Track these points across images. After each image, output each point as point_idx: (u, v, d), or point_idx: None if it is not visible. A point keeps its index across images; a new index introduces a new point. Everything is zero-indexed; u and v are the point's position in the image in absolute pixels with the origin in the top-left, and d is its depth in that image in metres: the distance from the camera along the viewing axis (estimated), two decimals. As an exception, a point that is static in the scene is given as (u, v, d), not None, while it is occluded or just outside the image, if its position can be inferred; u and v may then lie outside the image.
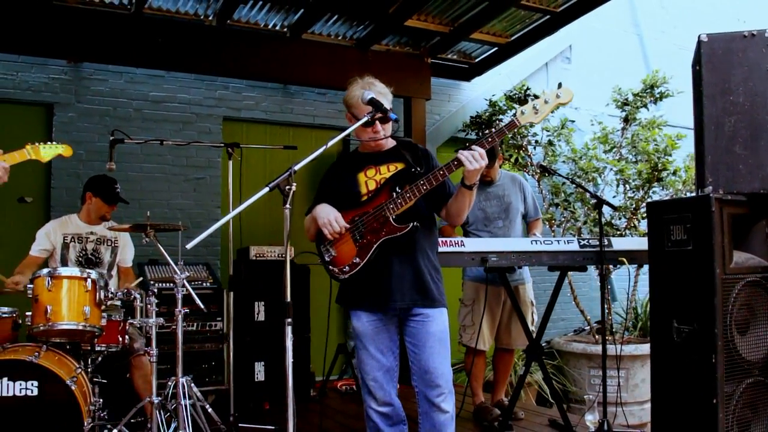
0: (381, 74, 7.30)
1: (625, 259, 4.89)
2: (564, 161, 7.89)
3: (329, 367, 6.62)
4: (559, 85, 3.30)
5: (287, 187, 2.83)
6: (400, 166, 3.52)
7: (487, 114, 7.75)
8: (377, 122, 3.50)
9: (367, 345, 3.53)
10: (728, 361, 3.50)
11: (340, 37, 7.40)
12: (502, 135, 3.28)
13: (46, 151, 3.53)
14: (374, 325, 3.52)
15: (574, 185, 7.03)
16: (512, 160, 7.63)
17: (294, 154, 5.87)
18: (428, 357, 3.45)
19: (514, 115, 3.28)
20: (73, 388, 3.90)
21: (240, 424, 5.03)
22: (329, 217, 3.38)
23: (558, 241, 4.86)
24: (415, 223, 3.34)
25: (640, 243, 5.02)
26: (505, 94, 7.84)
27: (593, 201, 5.30)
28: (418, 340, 3.47)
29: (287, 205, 2.80)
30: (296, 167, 2.89)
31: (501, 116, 7.72)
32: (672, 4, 10.06)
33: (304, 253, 3.66)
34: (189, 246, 2.67)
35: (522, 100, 7.59)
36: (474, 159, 3.17)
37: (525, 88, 7.73)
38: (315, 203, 3.61)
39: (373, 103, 3.35)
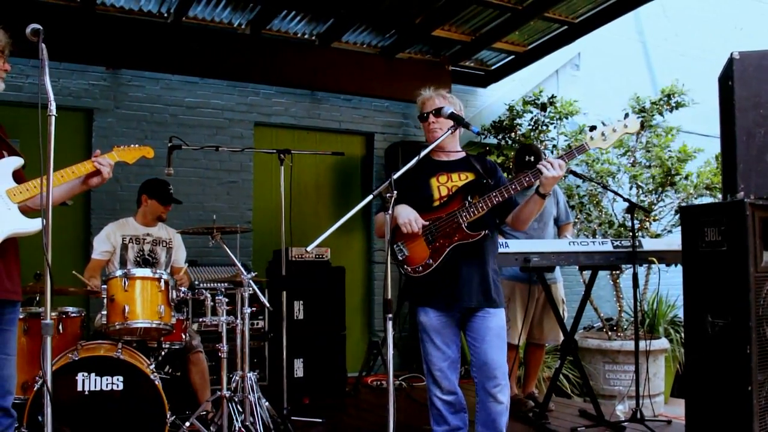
0: (405, 81, 7.71)
1: (655, 259, 5.21)
2: (577, 164, 8.19)
3: (363, 363, 6.90)
4: (626, 116, 3.59)
5: (387, 194, 3.09)
6: (470, 176, 3.79)
7: (507, 118, 8.04)
8: (433, 116, 3.83)
9: (434, 338, 3.80)
10: (760, 351, 3.79)
11: (365, 46, 7.70)
12: (573, 156, 3.60)
13: (132, 153, 3.73)
14: (441, 320, 3.80)
15: (595, 187, 7.35)
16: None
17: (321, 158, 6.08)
18: (487, 350, 3.73)
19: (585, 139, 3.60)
20: (156, 382, 4.14)
21: (292, 417, 5.27)
22: (410, 216, 3.62)
23: (593, 242, 5.17)
24: (486, 231, 3.63)
25: (669, 243, 5.37)
26: (523, 99, 8.13)
27: (626, 205, 5.59)
28: (478, 334, 3.76)
29: (389, 212, 3.05)
30: (395, 176, 3.14)
31: (519, 120, 8.02)
32: (674, 13, 10.41)
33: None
34: (310, 247, 2.93)
35: (544, 105, 7.90)
36: (554, 166, 3.44)
37: (545, 94, 8.03)
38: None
39: (453, 117, 3.59)
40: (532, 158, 5.55)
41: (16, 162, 3.17)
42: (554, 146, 8.19)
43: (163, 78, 7.06)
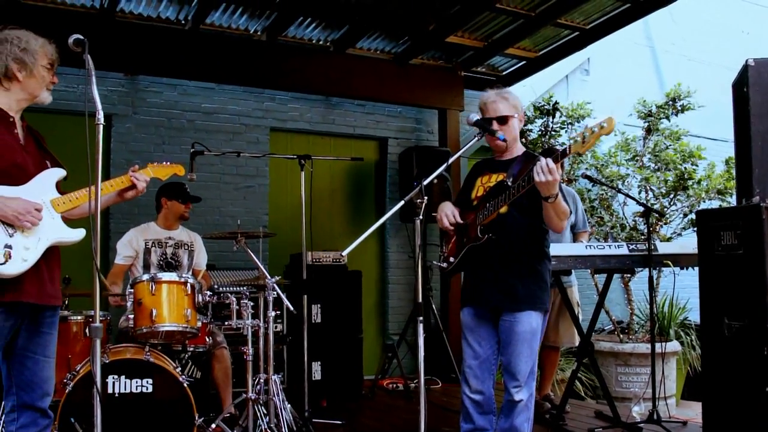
0: (418, 87, 7.79)
1: (670, 262, 5.29)
2: (587, 168, 8.27)
3: (378, 366, 6.97)
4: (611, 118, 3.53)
5: (418, 200, 3.16)
6: (503, 177, 3.82)
7: (518, 124, 8.11)
8: (497, 124, 3.84)
9: (467, 335, 3.92)
10: (777, 352, 3.87)
11: (379, 52, 7.78)
12: (557, 161, 3.46)
13: (165, 170, 3.84)
14: (475, 318, 3.90)
15: (606, 191, 7.42)
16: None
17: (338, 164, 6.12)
18: (510, 354, 3.80)
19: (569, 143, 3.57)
20: (185, 384, 4.22)
21: (313, 419, 5.35)
22: (446, 211, 3.79)
23: (609, 245, 5.25)
24: (489, 235, 3.70)
25: (683, 247, 5.43)
26: (533, 105, 8.21)
27: (637, 208, 5.67)
28: (505, 337, 3.82)
29: (420, 217, 3.13)
30: (425, 182, 3.22)
31: (529, 126, 8.10)
32: (682, 18, 10.50)
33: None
34: (345, 252, 3.00)
35: (549, 112, 7.98)
36: (542, 172, 3.35)
37: (552, 99, 8.10)
38: (450, 198, 4.02)
39: (479, 124, 3.66)
40: None
41: (60, 173, 3.27)
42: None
43: (180, 84, 7.16)
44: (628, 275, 7.92)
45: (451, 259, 3.83)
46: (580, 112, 8.09)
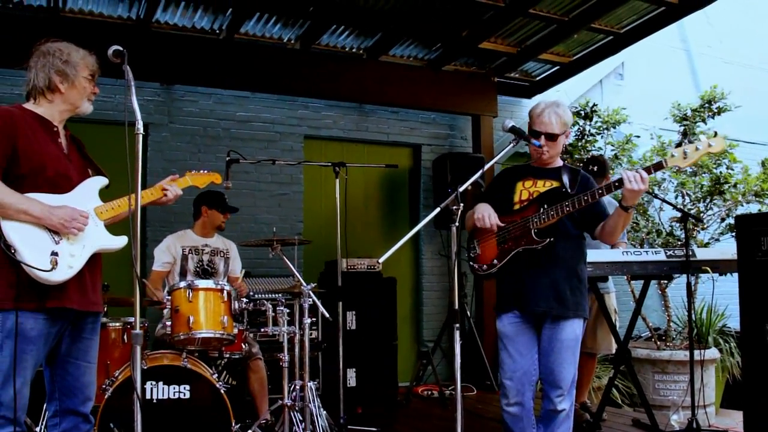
0: (451, 93, 7.80)
1: (708, 268, 5.21)
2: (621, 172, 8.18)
3: (413, 373, 6.97)
4: (715, 134, 3.45)
5: (454, 207, 3.16)
6: (555, 184, 3.82)
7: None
8: (545, 139, 3.82)
9: (507, 345, 3.85)
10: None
11: (412, 59, 7.80)
12: (650, 172, 3.47)
13: (203, 179, 3.88)
14: (515, 327, 3.83)
15: (642, 196, 7.31)
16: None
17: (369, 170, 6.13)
18: (554, 362, 3.77)
19: (665, 156, 3.53)
20: (222, 391, 4.25)
21: (348, 426, 5.36)
22: (485, 212, 3.74)
23: (646, 251, 5.18)
24: (551, 238, 3.67)
25: (722, 252, 5.34)
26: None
27: (673, 213, 5.61)
28: (548, 345, 3.80)
29: (456, 224, 3.13)
30: (461, 188, 3.21)
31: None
32: (718, 20, 10.37)
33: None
34: (381, 259, 3.01)
35: (588, 115, 7.93)
36: (635, 180, 3.39)
37: (590, 104, 8.05)
38: (478, 201, 3.98)
39: (514, 131, 3.64)
40: (595, 168, 5.61)
41: (102, 181, 3.33)
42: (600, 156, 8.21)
43: (215, 93, 7.23)
44: (665, 281, 7.82)
45: (495, 262, 3.78)
46: (616, 117, 8.02)
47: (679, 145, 3.45)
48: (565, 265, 3.79)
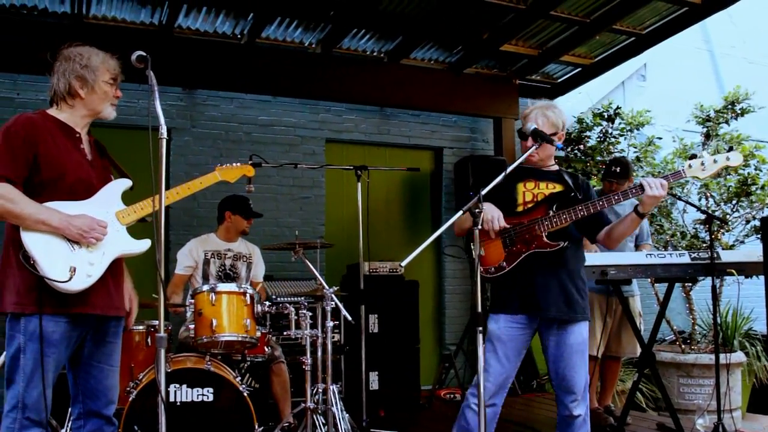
0: (473, 96, 7.79)
1: (734, 271, 5.16)
2: (644, 176, 8.13)
3: (435, 376, 6.96)
4: (731, 148, 3.59)
5: (476, 210, 3.15)
6: (559, 187, 3.81)
7: (576, 131, 8.04)
8: (533, 140, 3.74)
9: (497, 348, 3.76)
10: None
11: (433, 62, 7.81)
12: (668, 181, 3.52)
13: (234, 172, 3.86)
14: (510, 331, 3.75)
15: (665, 198, 7.27)
16: (600, 175, 7.89)
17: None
18: (565, 367, 3.73)
19: (684, 167, 3.57)
20: (245, 394, 4.26)
21: (371, 429, 5.36)
22: (494, 214, 3.64)
23: (670, 254, 5.14)
24: (565, 242, 3.65)
25: (748, 255, 5.29)
26: (592, 112, 8.12)
27: (698, 215, 5.56)
28: (557, 350, 3.76)
29: (479, 226, 3.12)
30: (483, 192, 3.20)
31: (588, 132, 8.01)
32: (741, 19, 10.27)
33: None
34: (403, 263, 3.01)
35: (611, 118, 7.88)
36: (656, 186, 3.43)
37: (613, 106, 8.00)
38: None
39: (537, 133, 3.62)
40: (618, 169, 5.59)
41: (125, 184, 3.33)
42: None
43: (237, 97, 7.27)
44: (690, 284, 7.75)
45: (503, 264, 3.72)
46: (639, 119, 7.97)
47: (693, 156, 3.42)
48: (571, 269, 3.78)
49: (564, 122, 3.87)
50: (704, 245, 7.55)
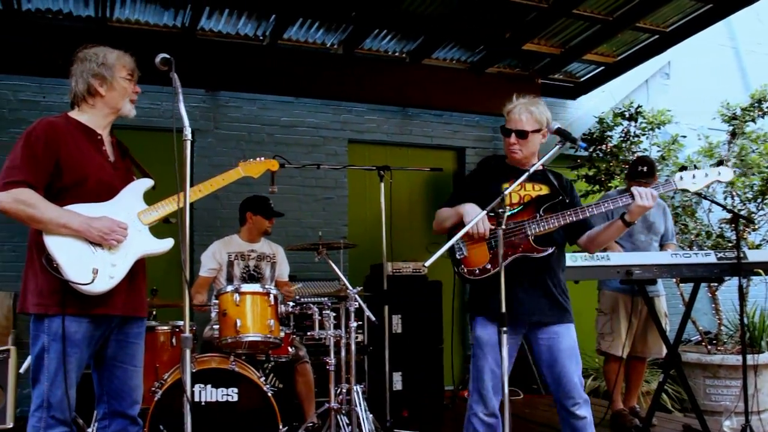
0: (495, 95, 7.75)
1: (761, 270, 5.10)
2: (668, 175, 8.06)
3: (459, 376, 6.95)
4: (720, 163, 3.69)
5: (500, 210, 3.13)
6: (545, 189, 3.73)
7: (597, 131, 7.99)
8: (515, 137, 3.73)
9: (487, 354, 3.65)
10: None
11: (455, 61, 7.80)
12: (659, 191, 3.50)
13: (257, 167, 3.87)
14: (496, 335, 3.47)
15: (690, 198, 7.24)
16: (623, 175, 7.83)
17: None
18: (560, 372, 3.64)
19: (676, 178, 3.58)
20: (269, 394, 4.27)
21: (395, 430, 5.35)
22: (481, 219, 3.44)
23: (696, 254, 5.09)
24: (553, 248, 3.58)
25: (776, 254, 5.24)
26: (613, 111, 8.06)
27: (724, 214, 5.50)
28: (551, 355, 3.66)
29: (502, 226, 3.10)
30: (506, 191, 3.19)
31: (610, 132, 7.95)
32: (767, 16, 10.17)
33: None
34: (427, 263, 3.00)
35: (632, 117, 7.82)
36: (646, 196, 3.39)
37: (635, 105, 7.93)
38: (454, 198, 3.82)
39: (560, 132, 3.55)
40: (644, 168, 5.55)
41: (147, 183, 3.34)
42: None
43: (259, 98, 7.31)
44: (715, 284, 7.67)
45: (488, 267, 3.57)
46: (661, 118, 7.89)
47: (683, 168, 3.44)
48: (554, 272, 3.71)
49: (548, 118, 3.77)
50: (730, 245, 7.47)
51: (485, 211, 3.22)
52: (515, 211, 3.68)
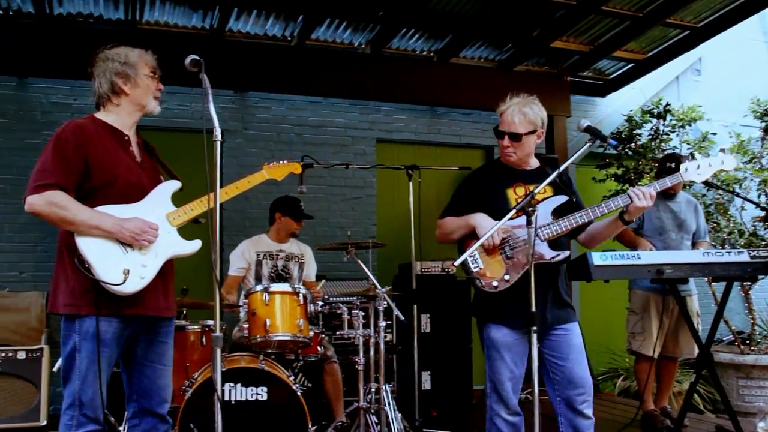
0: (523, 94, 7.65)
1: (795, 269, 5.01)
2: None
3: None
4: (723, 150, 3.59)
5: (530, 209, 3.11)
6: (549, 190, 3.65)
7: (626, 129, 7.91)
8: (509, 140, 3.64)
9: (504, 355, 3.61)
10: None
11: (483, 60, 7.78)
12: (666, 185, 3.50)
13: (281, 170, 3.90)
14: (513, 337, 3.60)
15: (722, 195, 7.15)
16: (653, 174, 7.76)
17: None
18: (572, 367, 3.60)
19: (680, 170, 3.55)
20: (298, 393, 4.29)
21: (423, 429, 5.35)
22: (492, 229, 3.37)
23: (729, 252, 5.02)
24: (567, 251, 3.55)
25: (811, 253, 5.14)
26: (641, 109, 7.99)
27: (759, 212, 5.43)
28: (561, 352, 3.62)
29: (532, 226, 3.09)
30: (536, 190, 3.17)
31: (639, 130, 7.87)
32: (802, 11, 10.02)
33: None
34: (456, 262, 3.00)
35: (660, 114, 7.74)
36: (643, 197, 3.36)
37: (663, 102, 7.85)
38: (457, 206, 3.80)
39: (590, 130, 3.49)
40: (673, 165, 5.49)
41: (175, 185, 3.36)
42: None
43: (288, 99, 7.36)
44: (748, 283, 7.57)
45: (507, 278, 3.51)
46: (691, 115, 7.81)
47: (691, 157, 3.44)
48: (562, 273, 3.70)
49: (543, 119, 3.68)
50: (764, 243, 7.38)
51: (517, 208, 3.18)
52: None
